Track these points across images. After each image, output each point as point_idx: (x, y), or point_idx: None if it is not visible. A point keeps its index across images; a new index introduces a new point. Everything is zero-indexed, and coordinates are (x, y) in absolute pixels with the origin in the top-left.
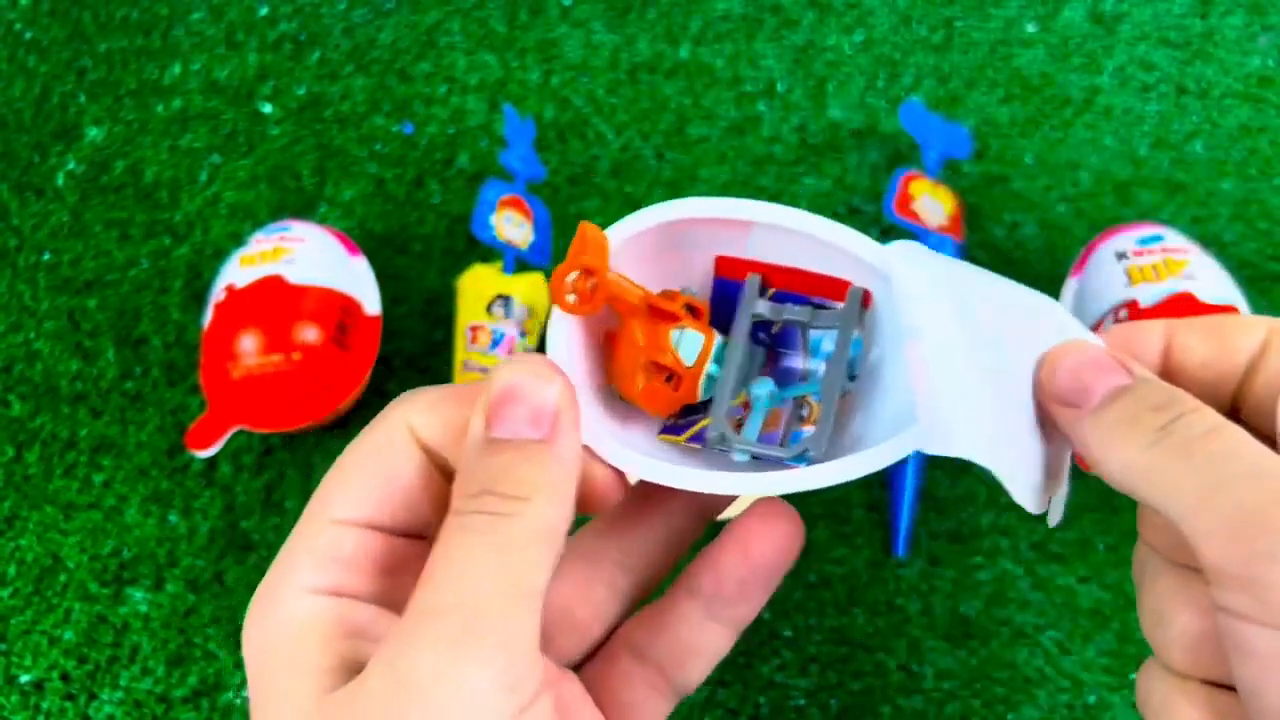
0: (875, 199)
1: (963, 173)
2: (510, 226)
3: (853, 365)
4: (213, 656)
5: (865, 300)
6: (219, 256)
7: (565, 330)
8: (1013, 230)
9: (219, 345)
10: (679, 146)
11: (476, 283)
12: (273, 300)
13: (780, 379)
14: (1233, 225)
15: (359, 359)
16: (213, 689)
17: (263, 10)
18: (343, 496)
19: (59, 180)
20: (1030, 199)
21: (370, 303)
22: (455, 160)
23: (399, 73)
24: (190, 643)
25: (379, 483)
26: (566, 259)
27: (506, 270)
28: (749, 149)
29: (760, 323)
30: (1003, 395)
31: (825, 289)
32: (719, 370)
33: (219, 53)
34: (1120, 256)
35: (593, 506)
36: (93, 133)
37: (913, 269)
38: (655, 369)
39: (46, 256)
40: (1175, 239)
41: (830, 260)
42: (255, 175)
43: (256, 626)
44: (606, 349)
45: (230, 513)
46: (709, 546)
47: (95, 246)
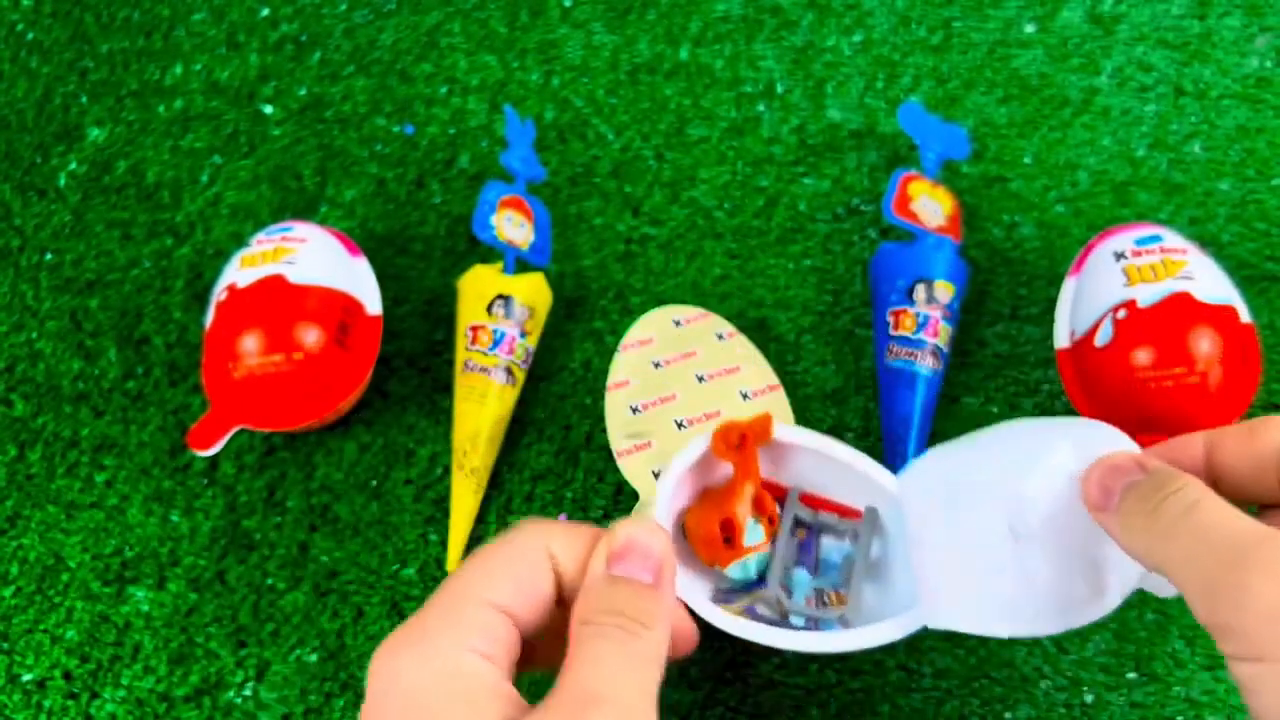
0: (874, 199)
1: (961, 173)
2: (511, 227)
3: (851, 564)
4: (214, 655)
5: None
6: (220, 257)
7: (672, 482)
8: (1011, 230)
9: (221, 345)
10: (679, 147)
11: (477, 283)
12: (274, 300)
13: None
14: (1230, 226)
15: (360, 359)
16: (214, 688)
17: (264, 11)
18: (489, 584)
19: (61, 180)
20: (1028, 199)
21: (371, 303)
22: (456, 161)
23: (400, 74)
24: (192, 642)
25: (520, 584)
26: (745, 422)
27: (507, 270)
28: (748, 149)
29: (798, 521)
30: (984, 546)
31: (838, 510)
32: (750, 572)
33: (220, 54)
34: (1118, 256)
35: (676, 650)
36: (94, 133)
37: (917, 493)
38: (725, 525)
39: (48, 256)
40: (1173, 239)
41: (852, 480)
42: (257, 176)
43: (418, 667)
44: (698, 501)
45: (232, 512)
46: None
47: (97, 247)
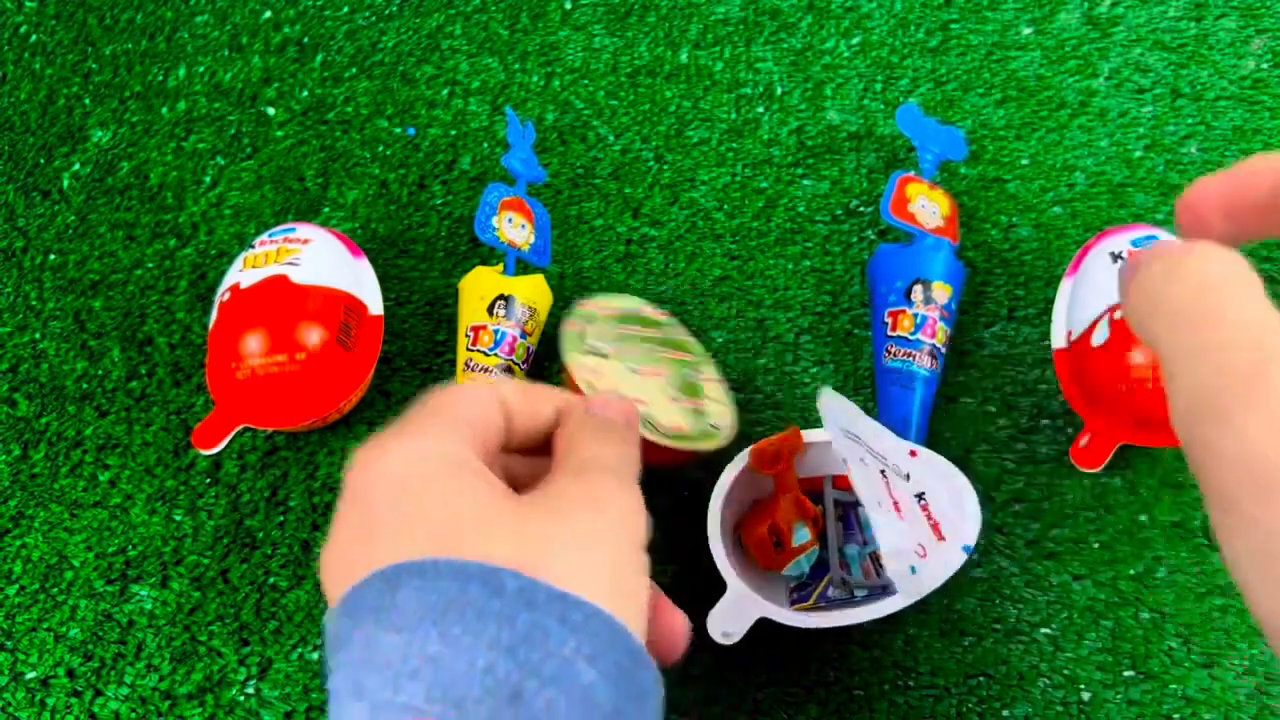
0: (872, 201)
1: (959, 175)
2: (512, 228)
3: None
4: (217, 653)
5: None
6: (224, 258)
7: (729, 480)
8: (1008, 232)
9: (224, 345)
10: (678, 149)
11: (478, 284)
12: (277, 301)
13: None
14: None
15: (362, 359)
16: (217, 685)
17: (266, 14)
18: (459, 407)
19: (65, 182)
20: (1026, 201)
21: (373, 303)
22: (457, 163)
23: (402, 76)
24: (195, 640)
25: (483, 414)
26: (777, 439)
27: (508, 271)
28: (747, 151)
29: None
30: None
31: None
32: (804, 568)
33: (223, 56)
34: (1115, 257)
35: (673, 651)
36: (98, 135)
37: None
38: (774, 530)
39: (52, 257)
40: (1170, 240)
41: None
42: (260, 177)
43: (399, 456)
44: (749, 512)
45: (235, 511)
46: None
47: (101, 248)
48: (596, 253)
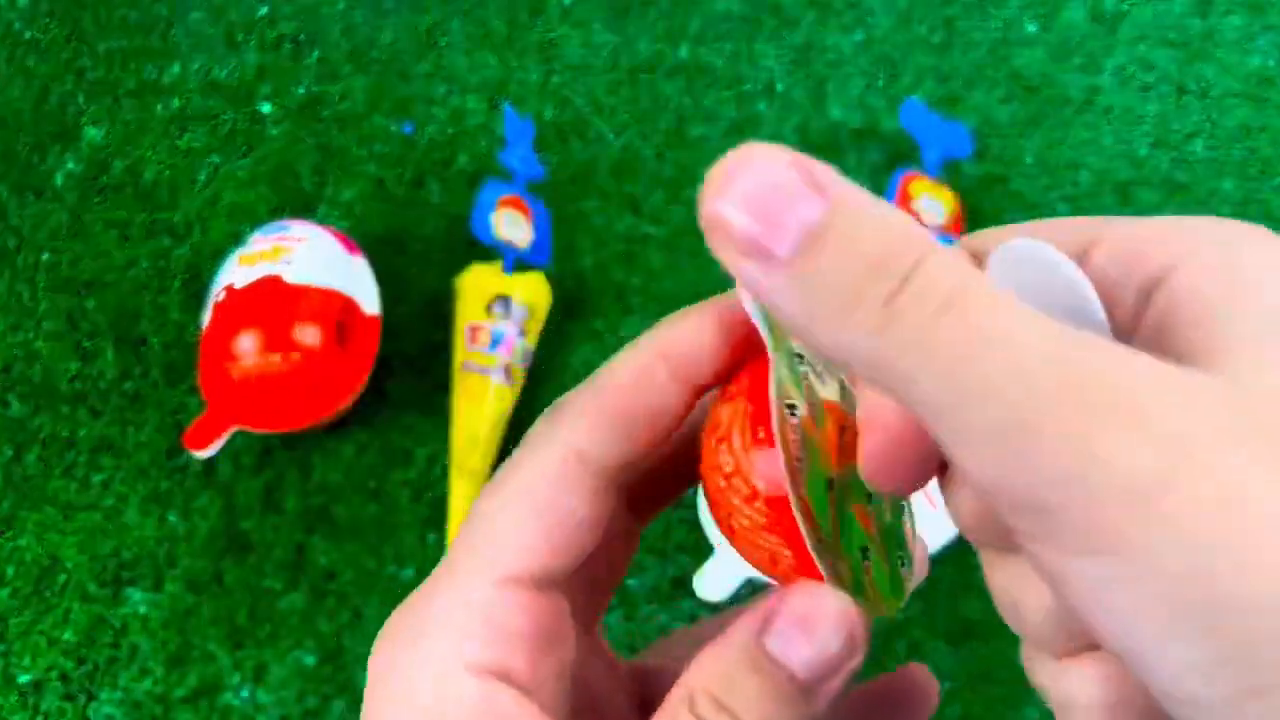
0: None
1: (963, 172)
2: (510, 226)
3: None
4: (211, 657)
5: None
6: (218, 256)
7: None
8: None
9: (218, 345)
10: (679, 146)
11: (476, 282)
12: (272, 300)
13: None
14: None
15: (358, 359)
16: (211, 689)
17: (262, 10)
18: (500, 546)
19: (58, 180)
20: (1030, 199)
21: (369, 303)
22: (455, 160)
23: (398, 73)
24: (189, 643)
25: (545, 527)
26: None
27: (506, 270)
28: None
29: None
30: None
31: None
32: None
33: (218, 53)
34: None
35: (646, 434)
36: (92, 133)
37: None
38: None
39: (46, 257)
40: None
41: None
42: (255, 175)
43: (414, 672)
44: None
45: (229, 513)
46: None
47: (94, 247)
48: (596, 251)
